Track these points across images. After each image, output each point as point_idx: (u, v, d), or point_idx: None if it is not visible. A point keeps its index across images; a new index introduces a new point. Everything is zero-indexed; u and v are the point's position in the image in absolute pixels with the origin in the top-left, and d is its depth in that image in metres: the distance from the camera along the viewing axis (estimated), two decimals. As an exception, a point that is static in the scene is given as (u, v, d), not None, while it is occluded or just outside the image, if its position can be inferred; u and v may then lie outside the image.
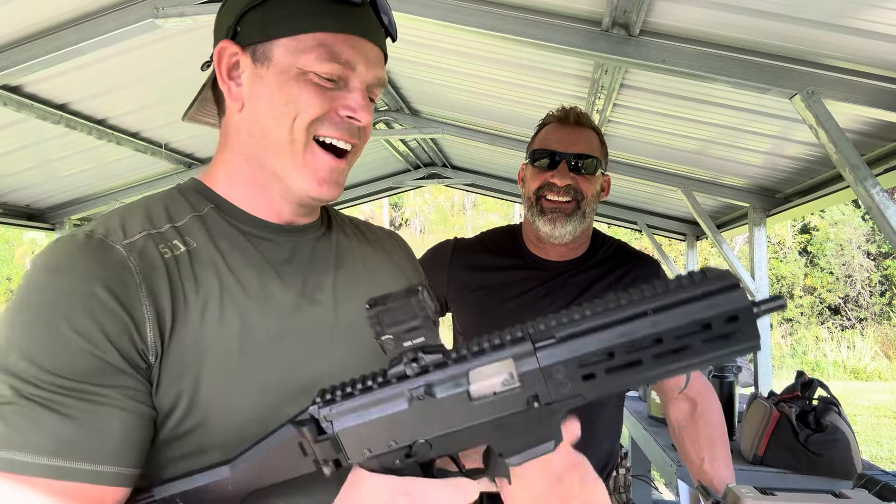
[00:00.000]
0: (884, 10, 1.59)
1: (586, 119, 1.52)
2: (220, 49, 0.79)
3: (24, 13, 2.18)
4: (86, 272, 0.68)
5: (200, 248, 0.76)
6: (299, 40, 0.76)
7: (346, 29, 0.77)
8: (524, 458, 0.62)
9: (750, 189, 3.67)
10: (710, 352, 0.56)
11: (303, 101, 0.76)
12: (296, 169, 0.78)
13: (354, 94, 0.78)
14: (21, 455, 0.62)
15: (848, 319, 14.88)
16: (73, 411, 0.64)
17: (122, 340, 0.67)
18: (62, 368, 0.64)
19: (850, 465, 2.09)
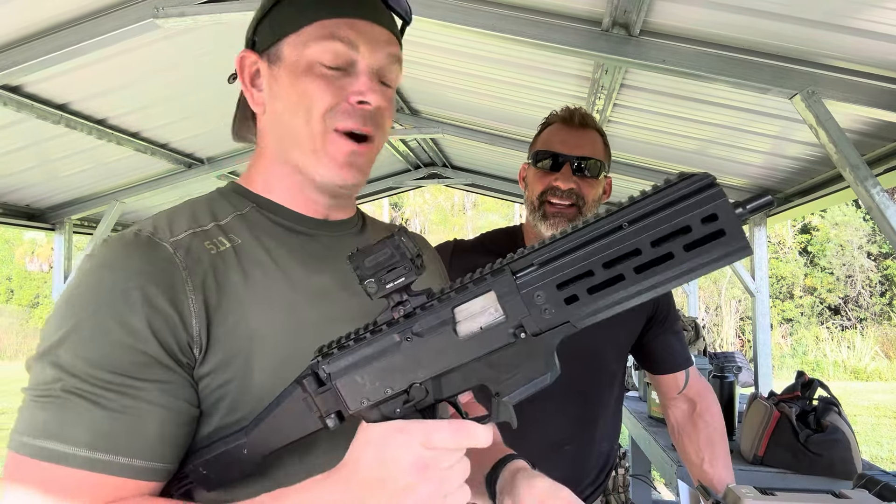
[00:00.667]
0: (884, 10, 1.59)
1: (591, 120, 1.50)
2: (240, 59, 0.84)
3: (24, 13, 2.18)
4: (133, 269, 0.70)
5: (245, 245, 0.79)
6: (303, 33, 0.79)
7: (345, 13, 0.79)
8: (521, 395, 0.61)
9: (750, 189, 3.67)
10: (695, 259, 0.53)
11: (313, 93, 0.78)
12: (317, 158, 0.80)
13: (362, 78, 0.79)
14: (60, 446, 0.64)
15: (848, 319, 14.88)
16: (114, 405, 0.66)
17: (165, 335, 0.68)
18: (105, 363, 0.66)
19: (851, 465, 2.09)
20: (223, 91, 3.24)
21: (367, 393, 0.64)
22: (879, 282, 15.02)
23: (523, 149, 4.15)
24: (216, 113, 3.52)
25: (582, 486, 1.56)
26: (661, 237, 0.54)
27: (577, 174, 1.44)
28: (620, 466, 1.70)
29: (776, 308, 14.81)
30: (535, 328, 0.59)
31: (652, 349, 1.59)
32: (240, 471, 0.71)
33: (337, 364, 0.65)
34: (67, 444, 0.64)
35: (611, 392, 1.58)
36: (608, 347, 1.54)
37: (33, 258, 19.17)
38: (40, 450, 0.65)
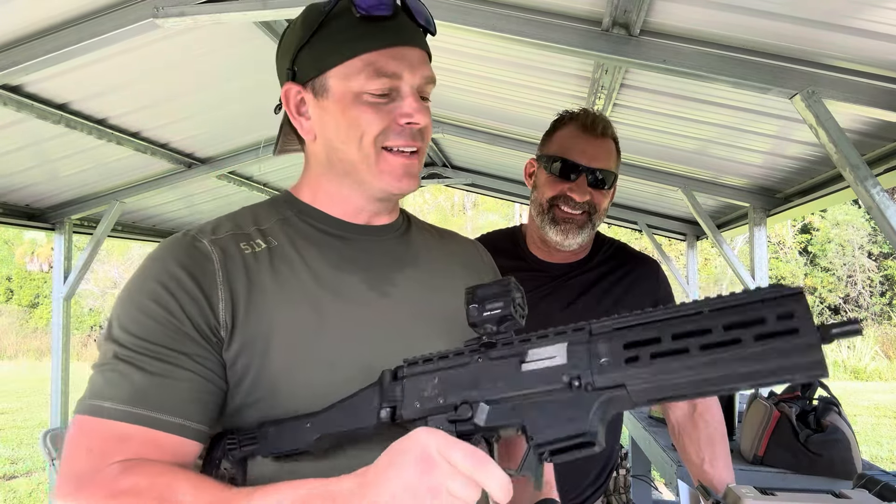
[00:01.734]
0: (884, 10, 1.59)
1: (610, 129, 1.47)
2: (285, 91, 0.90)
3: (24, 13, 2.18)
4: (171, 259, 0.82)
5: (280, 246, 0.88)
6: (348, 66, 0.84)
7: (385, 43, 0.84)
8: (555, 445, 0.62)
9: (750, 189, 3.67)
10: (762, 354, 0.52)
11: (364, 121, 0.84)
12: (373, 177, 0.87)
13: (408, 100, 0.86)
14: (104, 402, 0.75)
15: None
16: (152, 368, 0.76)
17: (195, 315, 0.79)
18: (144, 333, 0.78)
19: (851, 465, 2.08)
20: (223, 91, 3.25)
21: (424, 399, 0.70)
22: (880, 282, 15.02)
23: (523, 148, 4.16)
24: (216, 113, 3.52)
25: (582, 487, 1.55)
26: (734, 322, 0.54)
27: (592, 185, 1.43)
28: (622, 467, 1.70)
29: (776, 308, 14.78)
30: (589, 379, 0.60)
31: (652, 349, 1.59)
32: (298, 444, 0.77)
33: (413, 369, 0.74)
34: (110, 400, 0.75)
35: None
36: (608, 347, 1.54)
37: (33, 258, 19.17)
38: (89, 406, 0.76)
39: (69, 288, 4.22)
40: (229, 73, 3.09)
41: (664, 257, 5.74)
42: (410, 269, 0.95)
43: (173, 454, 0.76)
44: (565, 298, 1.49)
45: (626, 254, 1.59)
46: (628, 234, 12.80)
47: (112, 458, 0.74)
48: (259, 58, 2.99)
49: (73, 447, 0.76)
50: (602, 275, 1.53)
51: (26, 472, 6.50)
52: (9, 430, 8.19)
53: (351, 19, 0.84)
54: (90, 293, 18.27)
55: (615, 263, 1.56)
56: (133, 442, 0.74)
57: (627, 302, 1.52)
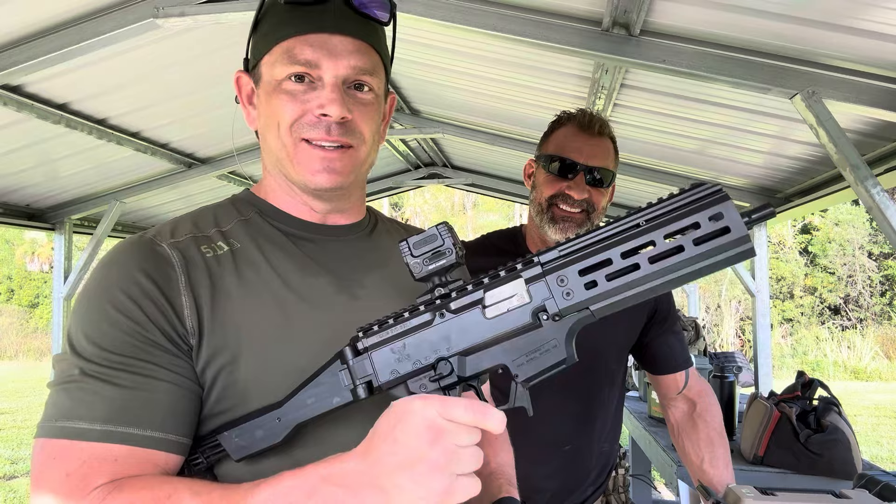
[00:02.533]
0: (884, 10, 1.59)
1: (607, 128, 1.49)
2: (236, 80, 0.90)
3: (24, 13, 2.18)
4: (132, 264, 0.77)
5: (244, 249, 0.84)
6: (272, 54, 0.84)
7: (305, 29, 0.82)
8: (538, 378, 0.67)
9: (750, 189, 3.67)
10: (703, 252, 0.61)
11: (279, 109, 0.83)
12: (293, 167, 0.85)
13: (324, 90, 0.82)
14: (79, 423, 0.70)
15: (848, 319, 14.88)
16: (125, 382, 0.72)
17: (162, 323, 0.75)
18: (113, 345, 0.73)
19: (851, 465, 2.08)
20: (223, 91, 3.25)
21: (398, 365, 0.70)
22: (880, 282, 15.02)
23: (523, 148, 4.16)
24: (216, 113, 3.51)
25: (583, 487, 1.56)
26: (673, 231, 0.62)
27: (590, 184, 1.43)
28: (620, 466, 1.70)
29: (776, 308, 14.81)
30: (555, 310, 0.66)
31: (652, 349, 1.59)
32: (271, 439, 0.74)
33: (374, 338, 0.72)
34: (84, 420, 0.70)
35: (611, 392, 1.58)
36: (608, 347, 1.54)
37: (34, 258, 19.17)
38: (60, 429, 0.70)
39: (69, 288, 4.22)
40: (229, 73, 3.07)
41: (664, 257, 5.73)
42: (378, 269, 0.92)
43: (160, 471, 0.72)
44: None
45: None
46: (628, 234, 12.79)
47: (94, 482, 0.68)
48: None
49: (44, 474, 0.69)
50: (602, 275, 1.53)
51: (26, 472, 6.50)
52: (9, 430, 8.19)
53: (278, 7, 0.84)
54: (90, 293, 18.27)
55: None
56: (116, 463, 0.69)
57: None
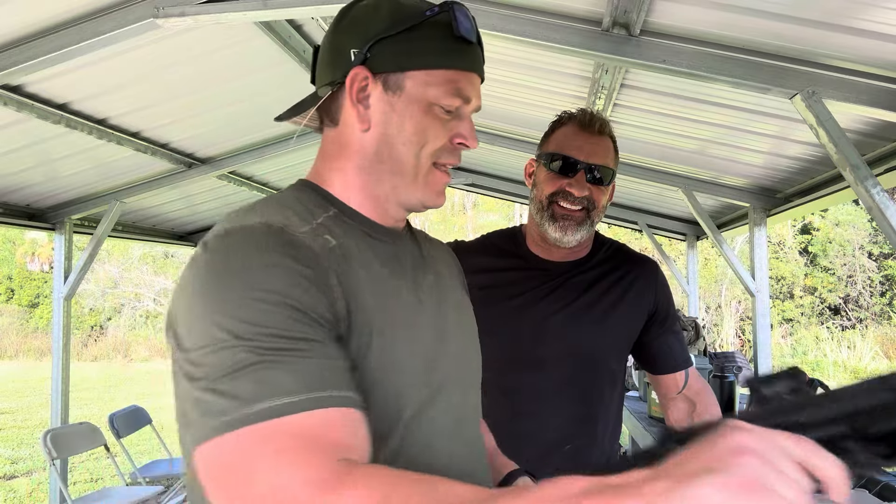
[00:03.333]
0: (884, 10, 1.59)
1: (608, 127, 1.49)
2: (353, 74, 0.85)
3: (24, 13, 2.18)
4: (277, 252, 0.72)
5: (344, 244, 0.83)
6: (431, 75, 0.85)
7: (469, 67, 0.88)
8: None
9: (750, 189, 3.67)
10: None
11: (431, 132, 0.85)
12: (417, 188, 0.87)
13: (466, 123, 0.88)
14: (283, 399, 0.62)
15: (848, 319, 14.88)
16: (309, 353, 0.66)
17: (320, 308, 0.71)
18: (280, 326, 0.67)
19: (851, 465, 2.08)
20: (223, 91, 3.25)
21: None
22: (880, 282, 15.02)
23: (524, 148, 4.16)
24: (216, 113, 3.52)
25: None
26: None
27: (590, 181, 1.44)
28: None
29: (776, 308, 14.81)
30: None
31: (652, 349, 1.59)
32: None
33: None
34: (287, 395, 0.63)
35: (612, 392, 1.58)
36: (608, 347, 1.54)
37: (34, 258, 19.17)
38: (265, 411, 0.62)
39: (69, 288, 4.22)
40: (229, 73, 3.09)
41: (664, 257, 5.74)
42: (428, 273, 0.96)
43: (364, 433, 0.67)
44: (565, 297, 1.49)
45: (625, 254, 1.60)
46: (628, 234, 12.81)
47: (337, 454, 0.61)
48: (259, 58, 2.99)
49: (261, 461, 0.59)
50: (601, 275, 1.54)
51: (26, 471, 6.50)
52: (9, 430, 8.20)
53: (446, 33, 0.86)
54: (90, 293, 18.27)
55: (614, 264, 1.56)
56: (333, 427, 0.63)
57: (626, 302, 1.52)
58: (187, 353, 0.68)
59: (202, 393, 0.64)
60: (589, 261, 1.56)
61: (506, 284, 1.53)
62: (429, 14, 0.85)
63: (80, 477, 6.25)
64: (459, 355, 0.93)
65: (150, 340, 17.57)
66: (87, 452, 5.25)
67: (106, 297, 18.54)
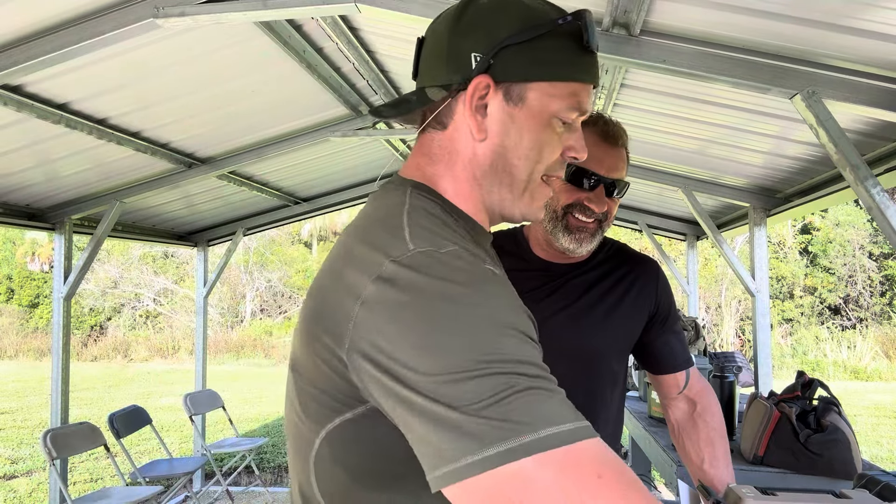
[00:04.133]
0: (884, 10, 1.59)
1: (624, 138, 1.47)
2: (476, 82, 0.80)
3: (24, 13, 2.18)
4: (495, 280, 0.72)
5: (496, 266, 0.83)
6: (555, 87, 0.80)
7: (591, 79, 0.83)
8: None
9: (750, 189, 3.67)
10: None
11: (549, 148, 0.82)
12: (523, 202, 0.85)
13: (578, 135, 0.84)
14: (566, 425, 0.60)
15: (848, 319, 14.87)
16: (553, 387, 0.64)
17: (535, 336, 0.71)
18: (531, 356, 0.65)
19: (851, 465, 2.08)
20: (223, 91, 3.25)
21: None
22: (880, 282, 15.01)
23: (523, 149, 4.15)
24: (216, 113, 3.52)
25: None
26: None
27: (607, 195, 1.43)
28: (620, 466, 1.69)
29: (776, 308, 14.81)
30: None
31: (652, 349, 1.59)
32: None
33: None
34: (570, 422, 0.60)
35: (612, 392, 1.57)
36: (609, 348, 1.54)
37: (34, 258, 19.17)
38: (568, 433, 0.59)
39: (69, 288, 4.22)
40: (229, 73, 3.09)
41: (664, 257, 5.74)
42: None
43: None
44: (566, 298, 1.49)
45: (626, 255, 1.60)
46: (628, 234, 12.80)
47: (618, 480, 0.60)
48: (259, 58, 2.99)
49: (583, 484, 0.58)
50: (602, 275, 1.53)
51: (26, 471, 6.50)
52: (9, 430, 8.20)
53: (574, 44, 0.81)
54: (90, 293, 18.27)
55: (615, 264, 1.56)
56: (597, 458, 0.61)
57: (627, 302, 1.52)
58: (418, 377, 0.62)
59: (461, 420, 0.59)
60: (590, 261, 1.56)
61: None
62: (560, 22, 0.80)
63: (80, 477, 6.25)
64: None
65: (149, 340, 17.57)
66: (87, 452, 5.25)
67: (106, 297, 18.54)
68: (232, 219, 6.01)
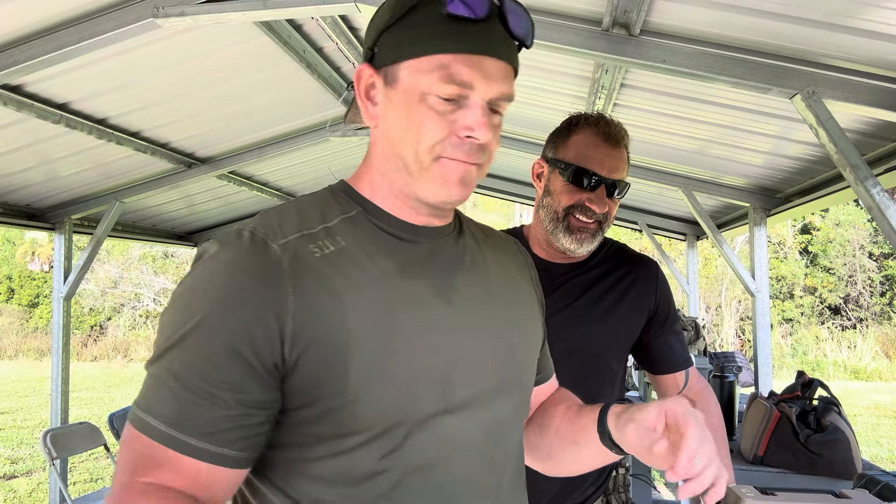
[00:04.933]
0: (884, 10, 1.59)
1: (626, 139, 1.47)
2: (358, 72, 0.85)
3: (24, 13, 2.18)
4: (241, 269, 0.76)
5: (350, 248, 0.82)
6: (422, 62, 0.79)
7: (465, 48, 0.78)
8: None
9: (750, 189, 3.67)
10: None
11: (425, 126, 0.79)
12: (423, 183, 0.82)
13: (473, 111, 0.79)
14: (150, 418, 0.73)
15: (848, 319, 14.88)
16: (197, 390, 0.72)
17: (261, 339, 0.74)
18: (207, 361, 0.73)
19: (851, 465, 2.08)
20: (223, 91, 3.25)
21: None
22: (880, 282, 15.02)
23: (524, 148, 4.15)
24: (216, 113, 3.51)
25: (584, 487, 1.55)
26: None
27: (608, 196, 1.43)
28: (621, 466, 1.70)
29: (776, 308, 14.81)
30: None
31: (652, 349, 1.59)
32: None
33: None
34: (156, 418, 0.73)
35: (612, 392, 1.57)
36: (609, 347, 1.54)
37: (34, 258, 19.17)
38: (139, 420, 0.74)
39: (69, 288, 4.22)
40: (229, 73, 3.09)
41: (664, 257, 5.74)
42: (468, 273, 0.90)
43: (205, 483, 0.73)
44: (566, 298, 1.49)
45: (625, 254, 1.60)
46: (628, 234, 12.80)
47: (141, 478, 0.72)
48: (259, 58, 2.99)
49: (120, 457, 0.76)
50: (602, 275, 1.53)
51: (26, 471, 6.50)
52: (9, 430, 8.19)
53: (437, 13, 0.78)
54: (90, 293, 18.27)
55: (615, 264, 1.56)
56: (162, 467, 0.72)
57: (626, 302, 1.52)
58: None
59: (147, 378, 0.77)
60: (590, 261, 1.55)
61: (506, 284, 1.53)
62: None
63: (80, 477, 6.25)
64: (502, 359, 0.87)
65: (150, 340, 17.56)
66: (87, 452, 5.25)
67: (106, 297, 18.53)
68: (232, 219, 6.01)
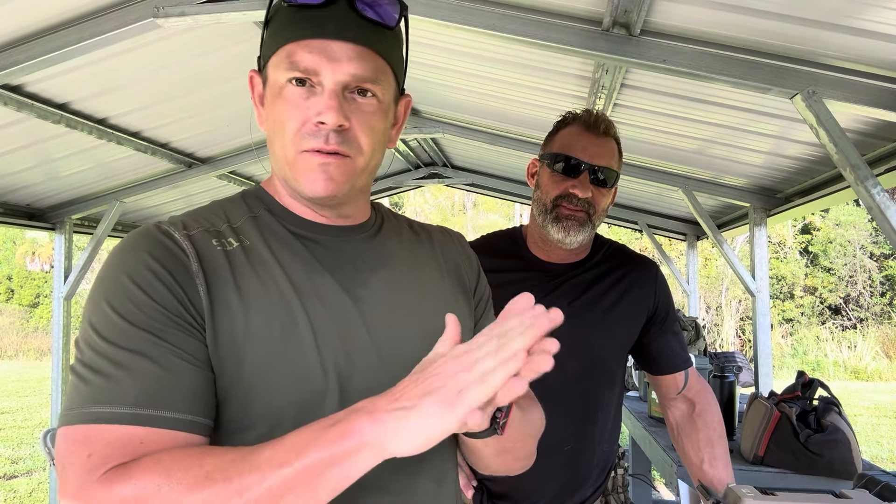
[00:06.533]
0: (884, 10, 1.59)
1: (613, 129, 1.49)
2: (249, 79, 0.89)
3: (24, 13, 2.18)
4: (145, 252, 0.77)
5: (253, 246, 0.84)
6: (277, 56, 0.82)
7: (305, 34, 0.80)
8: None
9: (750, 189, 3.67)
10: None
11: (284, 118, 0.81)
12: (298, 177, 0.83)
13: (321, 96, 0.80)
14: (105, 407, 0.70)
15: (849, 319, 14.87)
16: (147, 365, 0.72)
17: (176, 306, 0.75)
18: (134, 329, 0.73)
19: (851, 465, 2.08)
20: (223, 91, 3.25)
21: None
22: (880, 282, 15.01)
23: (524, 148, 4.16)
24: (216, 113, 3.51)
25: (583, 487, 1.56)
26: None
27: (593, 182, 1.44)
28: (619, 466, 1.70)
29: (776, 308, 14.80)
30: None
31: (651, 349, 1.59)
32: None
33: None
34: (111, 404, 0.70)
35: (611, 393, 1.58)
36: (608, 348, 1.54)
37: (34, 258, 19.17)
38: (85, 415, 0.70)
39: (70, 287, 4.22)
40: (229, 73, 3.08)
41: (664, 257, 5.74)
42: (383, 270, 0.90)
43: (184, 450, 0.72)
44: (564, 298, 1.49)
45: (624, 255, 1.60)
46: (628, 234, 12.81)
47: (113, 462, 0.68)
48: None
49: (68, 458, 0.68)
50: (600, 275, 1.53)
51: (26, 471, 6.50)
52: (9, 430, 8.19)
53: (284, 8, 0.82)
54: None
55: (614, 264, 1.56)
56: (142, 445, 0.69)
57: (625, 303, 1.52)
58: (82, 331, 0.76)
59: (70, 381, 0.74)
60: (588, 262, 1.56)
61: (505, 284, 1.52)
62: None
63: (81, 477, 6.25)
64: (387, 352, 0.85)
65: (150, 340, 17.54)
66: (87, 452, 5.24)
67: (106, 297, 18.54)
68: (232, 219, 6.00)
